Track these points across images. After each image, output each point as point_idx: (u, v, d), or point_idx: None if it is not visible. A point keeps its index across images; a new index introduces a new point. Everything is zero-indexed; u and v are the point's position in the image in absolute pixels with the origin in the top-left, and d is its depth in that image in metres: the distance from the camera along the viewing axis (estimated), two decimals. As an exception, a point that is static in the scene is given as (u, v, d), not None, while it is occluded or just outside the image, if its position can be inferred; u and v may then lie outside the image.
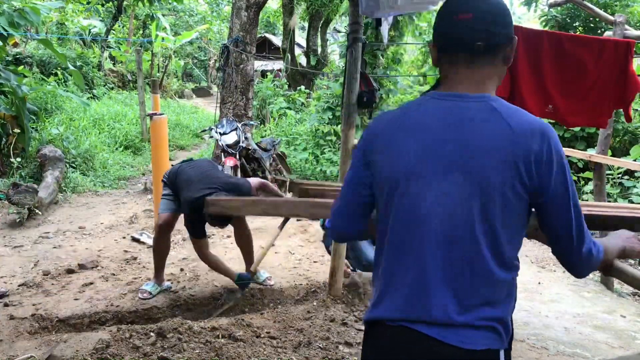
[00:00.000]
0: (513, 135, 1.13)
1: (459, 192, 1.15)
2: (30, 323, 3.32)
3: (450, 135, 1.16)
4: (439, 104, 1.21)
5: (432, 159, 1.17)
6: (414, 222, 1.19)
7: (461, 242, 1.15)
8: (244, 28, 6.99)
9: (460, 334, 1.14)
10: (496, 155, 1.12)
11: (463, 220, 1.15)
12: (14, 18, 5.57)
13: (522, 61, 2.58)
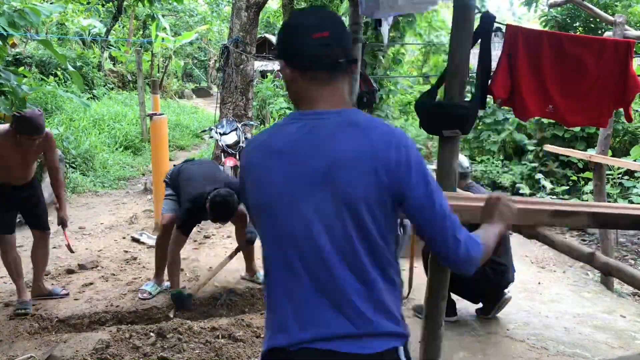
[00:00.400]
0: (372, 147, 1.16)
1: (330, 208, 1.16)
2: (30, 323, 3.32)
3: (313, 153, 1.18)
4: (301, 124, 1.22)
5: (299, 179, 1.18)
6: (293, 243, 1.20)
7: (342, 255, 1.17)
8: (244, 28, 6.99)
9: (360, 343, 1.17)
10: (358, 168, 1.14)
11: (340, 234, 1.16)
12: (13, 18, 5.58)
13: (522, 61, 2.58)
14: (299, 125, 1.22)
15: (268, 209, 1.23)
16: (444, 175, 2.27)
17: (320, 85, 1.22)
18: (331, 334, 1.17)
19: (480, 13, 2.40)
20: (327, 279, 1.18)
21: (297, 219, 1.19)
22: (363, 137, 1.17)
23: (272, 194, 1.21)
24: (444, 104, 2.23)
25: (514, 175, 8.67)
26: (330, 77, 1.22)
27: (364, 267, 1.18)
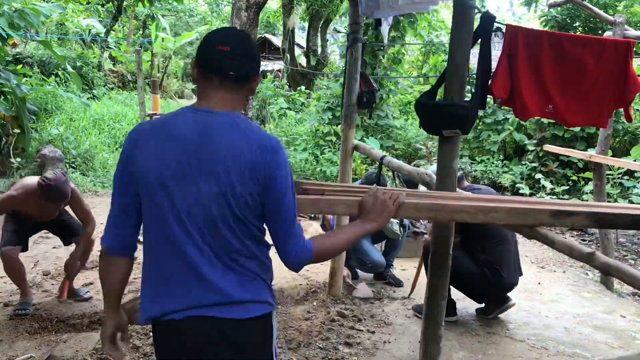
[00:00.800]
0: (249, 147, 1.37)
1: (212, 191, 1.36)
2: (30, 323, 3.32)
3: (202, 144, 1.38)
4: (194, 116, 1.42)
5: (189, 163, 1.37)
6: (178, 220, 1.38)
7: (222, 232, 1.39)
8: (243, 28, 6.99)
9: (239, 308, 1.40)
10: (238, 162, 1.36)
11: (220, 214, 1.37)
12: (13, 19, 5.57)
13: (522, 62, 2.58)
14: (192, 118, 1.42)
15: (159, 187, 1.38)
16: (444, 175, 2.27)
17: (213, 88, 1.43)
18: (213, 302, 1.39)
19: (480, 13, 2.40)
20: (211, 252, 1.39)
21: (184, 198, 1.37)
22: (244, 137, 1.39)
23: (163, 175, 1.37)
24: (444, 104, 2.23)
25: (514, 175, 8.67)
26: (220, 84, 1.43)
27: (233, 244, 1.40)
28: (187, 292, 1.39)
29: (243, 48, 1.44)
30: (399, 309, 3.77)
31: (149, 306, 1.45)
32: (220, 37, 1.45)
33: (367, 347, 3.15)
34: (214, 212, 1.37)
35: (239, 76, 1.43)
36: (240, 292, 1.40)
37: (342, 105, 3.75)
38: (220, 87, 1.43)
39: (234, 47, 1.42)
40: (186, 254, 1.38)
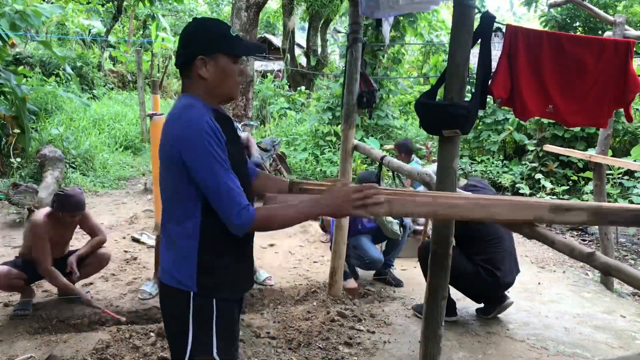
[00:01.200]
0: (168, 123, 1.56)
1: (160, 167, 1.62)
2: (30, 323, 3.32)
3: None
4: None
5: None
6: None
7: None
8: (243, 28, 6.99)
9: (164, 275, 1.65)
10: (164, 139, 1.56)
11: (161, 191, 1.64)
12: (14, 20, 5.59)
13: (522, 61, 2.57)
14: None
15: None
16: (444, 175, 2.27)
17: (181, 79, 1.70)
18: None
19: (480, 13, 2.40)
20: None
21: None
22: (170, 115, 1.58)
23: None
24: (444, 104, 2.23)
25: (514, 175, 8.67)
26: (181, 73, 1.65)
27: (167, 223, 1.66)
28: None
29: (180, 37, 1.64)
30: (399, 309, 3.77)
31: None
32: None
33: (367, 347, 3.15)
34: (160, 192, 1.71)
35: (177, 64, 1.64)
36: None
37: (342, 105, 3.74)
38: (180, 76, 1.68)
39: (182, 35, 1.64)
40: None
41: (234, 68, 1.62)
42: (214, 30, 1.60)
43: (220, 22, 1.65)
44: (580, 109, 2.70)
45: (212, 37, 1.59)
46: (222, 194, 1.49)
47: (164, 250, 1.66)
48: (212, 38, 1.59)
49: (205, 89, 1.61)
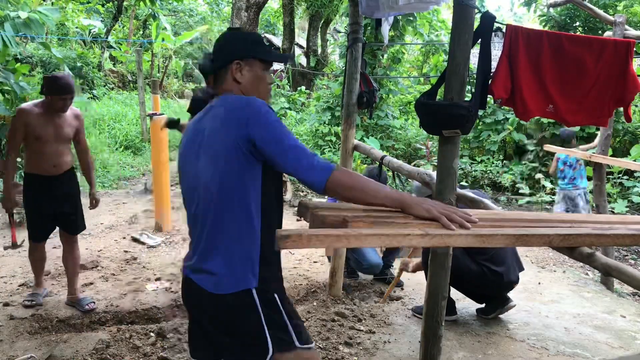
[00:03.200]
0: (226, 114, 1.57)
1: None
2: (30, 323, 3.32)
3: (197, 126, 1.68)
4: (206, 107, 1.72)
5: (188, 147, 1.68)
6: (190, 199, 1.68)
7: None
8: (244, 28, 6.99)
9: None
10: (219, 133, 1.56)
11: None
12: (19, 27, 5.63)
13: (522, 61, 2.57)
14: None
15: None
16: (444, 175, 2.27)
17: (217, 82, 1.72)
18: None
19: (481, 13, 2.40)
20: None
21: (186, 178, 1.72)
22: (223, 108, 1.60)
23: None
24: (445, 104, 2.23)
25: (514, 175, 8.67)
26: (219, 75, 1.69)
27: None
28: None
29: (221, 40, 1.72)
30: (399, 309, 3.77)
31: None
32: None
33: (367, 347, 3.15)
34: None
35: (214, 68, 1.70)
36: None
37: (342, 105, 3.74)
38: (217, 81, 1.72)
39: (215, 46, 1.73)
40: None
41: (266, 74, 1.71)
42: (250, 37, 1.71)
43: (254, 32, 1.80)
44: (581, 109, 2.70)
45: (248, 43, 1.68)
46: (299, 150, 1.49)
47: (214, 258, 1.58)
48: (248, 44, 1.68)
49: (238, 92, 1.67)
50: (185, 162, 1.68)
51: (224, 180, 1.53)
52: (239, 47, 1.67)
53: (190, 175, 1.65)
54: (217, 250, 1.57)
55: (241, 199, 1.54)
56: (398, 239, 1.28)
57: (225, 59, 1.66)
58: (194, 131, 1.66)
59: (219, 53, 1.68)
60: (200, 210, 1.61)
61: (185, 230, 4.91)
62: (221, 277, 1.56)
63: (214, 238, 1.58)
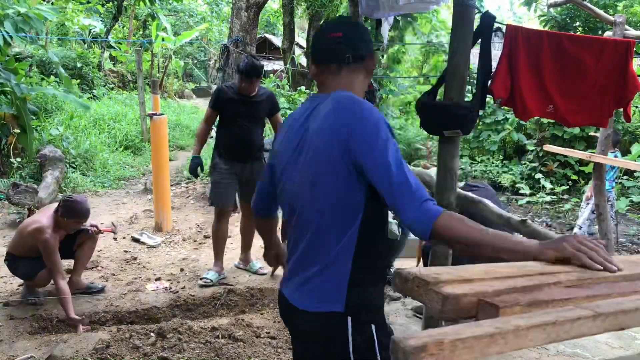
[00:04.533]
0: (335, 118, 1.38)
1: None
2: (30, 323, 3.32)
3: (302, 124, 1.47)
4: (305, 104, 1.52)
5: (287, 146, 1.49)
6: (288, 205, 1.51)
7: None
8: (244, 28, 7.00)
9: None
10: (325, 137, 1.37)
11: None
12: (18, 23, 5.62)
13: (522, 61, 2.58)
14: (303, 106, 1.53)
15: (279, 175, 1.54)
16: (444, 175, 2.28)
17: (328, 76, 1.48)
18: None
19: (480, 13, 2.40)
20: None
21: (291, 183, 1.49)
22: (334, 109, 1.40)
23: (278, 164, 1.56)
24: (445, 104, 2.23)
25: (514, 175, 8.68)
26: (339, 69, 1.46)
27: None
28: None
29: (353, 30, 1.49)
30: (400, 310, 3.77)
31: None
32: (330, 26, 1.54)
33: (367, 347, 3.15)
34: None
35: (355, 57, 1.46)
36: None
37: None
38: (338, 72, 1.47)
39: (345, 32, 1.47)
40: None
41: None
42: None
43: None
44: (581, 109, 2.70)
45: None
46: (409, 184, 1.25)
47: (311, 276, 1.40)
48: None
49: (364, 86, 1.53)
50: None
51: (329, 188, 1.36)
52: (370, 38, 1.53)
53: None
54: (320, 267, 1.39)
55: (343, 212, 1.38)
56: (566, 328, 0.90)
57: (368, 49, 1.49)
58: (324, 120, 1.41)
59: (364, 41, 1.49)
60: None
61: (185, 230, 4.91)
62: (316, 294, 1.39)
63: (312, 252, 1.41)
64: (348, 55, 1.44)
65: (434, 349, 0.75)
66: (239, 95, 3.82)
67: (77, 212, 3.44)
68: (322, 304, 1.37)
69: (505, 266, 1.10)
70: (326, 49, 1.47)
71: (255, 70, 3.70)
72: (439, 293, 0.92)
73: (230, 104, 3.82)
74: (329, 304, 1.37)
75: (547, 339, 0.87)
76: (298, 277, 1.44)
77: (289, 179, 1.47)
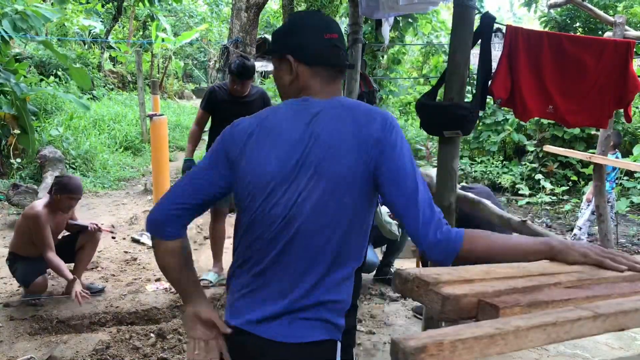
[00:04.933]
0: (354, 125, 1.21)
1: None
2: (30, 324, 3.32)
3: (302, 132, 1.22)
4: (292, 107, 1.26)
5: (288, 160, 1.21)
6: (274, 228, 1.22)
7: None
8: (243, 29, 6.99)
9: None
10: (343, 148, 1.19)
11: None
12: (16, 21, 5.61)
13: (522, 62, 2.58)
14: (289, 109, 1.27)
15: (262, 189, 1.23)
16: (444, 175, 2.27)
17: (322, 80, 1.28)
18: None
19: (480, 13, 2.40)
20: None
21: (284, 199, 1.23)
22: (349, 116, 1.24)
23: (268, 175, 1.23)
24: (446, 104, 2.23)
25: (513, 176, 8.68)
26: (336, 75, 1.30)
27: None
28: None
29: (341, 32, 1.31)
30: (399, 310, 3.77)
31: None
32: (324, 24, 1.29)
33: (367, 348, 3.15)
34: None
35: (350, 65, 1.35)
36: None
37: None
38: (334, 78, 1.31)
39: (339, 33, 1.30)
40: None
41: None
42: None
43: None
44: (581, 110, 2.70)
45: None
46: (432, 208, 1.18)
47: (311, 305, 1.21)
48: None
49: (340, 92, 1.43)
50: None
51: (350, 207, 1.22)
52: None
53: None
54: (324, 291, 1.24)
55: (359, 233, 1.26)
56: (566, 329, 0.90)
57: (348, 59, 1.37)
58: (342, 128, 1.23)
59: (345, 47, 1.35)
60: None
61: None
62: (314, 324, 1.22)
63: (321, 278, 1.23)
64: (347, 62, 1.32)
65: (434, 350, 0.75)
66: (231, 96, 3.80)
67: (69, 187, 3.48)
68: (321, 332, 1.22)
69: (506, 267, 1.11)
70: (324, 50, 1.27)
71: (247, 71, 3.67)
72: (439, 294, 0.92)
73: (222, 105, 3.80)
74: (329, 332, 1.23)
75: (547, 340, 0.87)
76: (283, 307, 1.20)
77: (282, 199, 1.20)
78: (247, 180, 1.23)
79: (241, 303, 1.25)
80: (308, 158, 1.19)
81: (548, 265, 1.12)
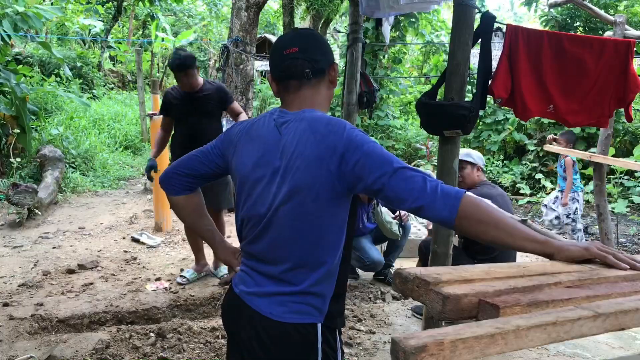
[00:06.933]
0: (318, 136, 1.32)
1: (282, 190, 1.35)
2: (30, 323, 3.32)
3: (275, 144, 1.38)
4: (272, 116, 1.43)
5: (264, 164, 1.37)
6: (254, 217, 1.41)
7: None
8: (243, 28, 6.99)
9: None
10: (311, 158, 1.30)
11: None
12: (16, 22, 5.61)
13: (522, 61, 2.57)
14: (270, 120, 1.43)
15: (241, 187, 1.44)
16: (444, 175, 2.27)
17: (290, 92, 1.42)
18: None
19: (481, 13, 2.39)
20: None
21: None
22: (314, 129, 1.34)
23: (245, 175, 1.42)
24: (445, 104, 2.23)
25: (514, 175, 8.68)
26: (299, 85, 1.40)
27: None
28: None
29: (311, 42, 1.42)
30: (399, 309, 3.77)
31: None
32: (285, 41, 1.43)
33: (367, 348, 3.15)
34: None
35: (315, 71, 1.40)
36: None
37: (342, 105, 3.74)
38: (298, 88, 1.41)
39: (301, 45, 1.40)
40: None
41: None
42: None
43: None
44: (581, 109, 2.70)
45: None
46: (415, 176, 1.23)
47: (291, 293, 1.35)
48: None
49: (329, 98, 1.48)
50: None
51: (323, 210, 1.32)
52: (330, 49, 1.47)
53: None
54: (297, 283, 1.36)
55: (333, 231, 1.36)
56: (566, 328, 0.90)
57: (329, 60, 1.44)
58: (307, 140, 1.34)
59: (323, 54, 1.42)
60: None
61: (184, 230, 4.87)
62: (294, 308, 1.35)
63: (298, 270, 1.36)
64: (307, 70, 1.39)
65: (435, 349, 0.75)
66: (184, 94, 3.79)
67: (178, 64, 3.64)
68: (302, 316, 1.35)
69: (506, 267, 1.13)
70: (284, 65, 1.39)
71: (183, 62, 3.61)
72: (440, 293, 0.91)
73: (176, 105, 3.81)
74: (309, 317, 1.35)
75: (547, 339, 0.86)
76: (269, 287, 1.37)
77: (260, 199, 1.37)
78: (236, 178, 1.46)
79: (241, 275, 1.49)
80: (281, 164, 1.33)
81: (548, 265, 1.15)
